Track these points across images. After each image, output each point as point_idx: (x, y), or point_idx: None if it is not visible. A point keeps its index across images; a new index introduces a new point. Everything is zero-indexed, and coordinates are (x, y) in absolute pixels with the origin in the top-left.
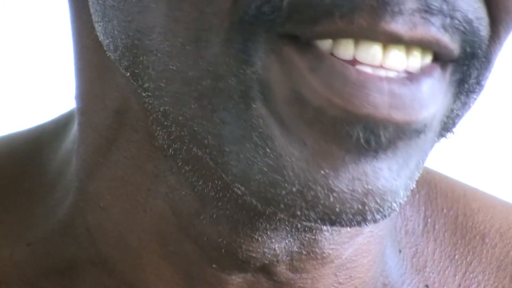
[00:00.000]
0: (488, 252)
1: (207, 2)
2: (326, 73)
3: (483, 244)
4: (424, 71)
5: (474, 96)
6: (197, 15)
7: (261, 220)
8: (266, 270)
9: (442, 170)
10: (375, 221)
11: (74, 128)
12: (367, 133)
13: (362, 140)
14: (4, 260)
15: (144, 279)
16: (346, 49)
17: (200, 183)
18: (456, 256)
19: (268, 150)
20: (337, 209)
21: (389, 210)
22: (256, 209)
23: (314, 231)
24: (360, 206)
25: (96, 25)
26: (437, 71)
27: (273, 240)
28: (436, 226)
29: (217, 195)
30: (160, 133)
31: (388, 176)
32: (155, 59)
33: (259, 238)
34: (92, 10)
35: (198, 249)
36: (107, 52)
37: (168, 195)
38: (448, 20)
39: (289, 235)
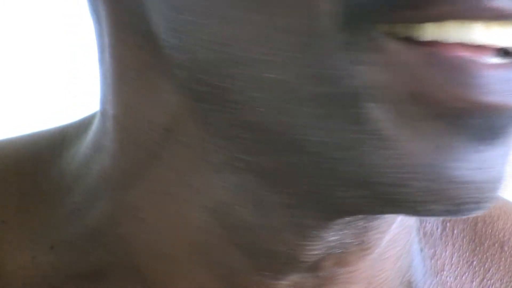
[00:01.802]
0: (506, 261)
1: (309, 5)
2: (444, 66)
3: (501, 252)
4: None
5: None
6: (299, 20)
7: (338, 219)
8: (314, 267)
9: None
10: (485, 209)
11: (91, 134)
12: (489, 122)
13: (484, 129)
14: (26, 263)
15: None
16: (453, 32)
17: (270, 193)
18: (474, 263)
19: (390, 152)
20: (461, 200)
21: (496, 197)
22: (342, 209)
23: (368, 218)
24: (479, 195)
25: (164, 43)
26: None
27: (333, 233)
28: (455, 231)
29: (292, 203)
30: (231, 146)
31: (501, 163)
32: (249, 70)
33: (325, 236)
34: (156, 29)
35: (247, 259)
36: (173, 70)
37: (216, 210)
38: None
39: (347, 226)
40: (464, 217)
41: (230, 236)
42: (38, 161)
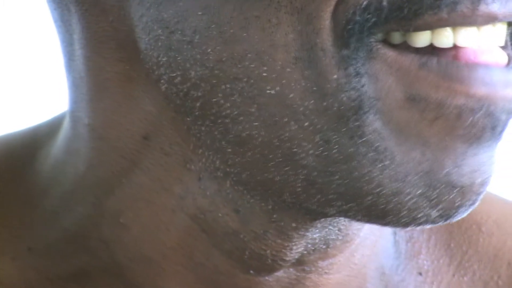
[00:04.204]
0: (484, 241)
1: (306, 21)
2: (438, 65)
3: (479, 233)
4: None
5: None
6: (296, 36)
7: (321, 219)
8: (298, 262)
9: None
10: (472, 209)
11: (62, 137)
12: (492, 120)
13: (481, 128)
14: (6, 264)
15: None
16: (447, 38)
17: (251, 200)
18: (452, 245)
19: (387, 162)
20: (457, 204)
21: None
22: (329, 215)
23: None
24: (475, 197)
25: (156, 60)
26: None
27: (317, 231)
28: None
29: (275, 208)
30: (212, 157)
31: (493, 161)
32: (244, 86)
33: (308, 234)
34: (142, 46)
35: (231, 261)
36: (156, 83)
37: (197, 216)
38: None
39: (331, 223)
40: (456, 219)
41: (212, 240)
42: (13, 161)
